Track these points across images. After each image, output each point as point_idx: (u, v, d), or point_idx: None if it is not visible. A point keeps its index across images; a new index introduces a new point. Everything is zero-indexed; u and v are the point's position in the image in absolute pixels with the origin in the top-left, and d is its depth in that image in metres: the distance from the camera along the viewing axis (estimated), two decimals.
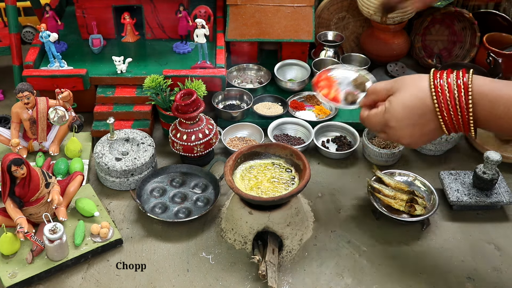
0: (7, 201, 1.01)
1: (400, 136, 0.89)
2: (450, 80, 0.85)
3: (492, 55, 1.51)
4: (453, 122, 0.86)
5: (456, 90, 0.84)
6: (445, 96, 0.84)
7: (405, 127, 0.88)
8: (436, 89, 0.85)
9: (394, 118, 0.88)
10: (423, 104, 0.86)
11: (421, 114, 0.86)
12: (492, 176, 1.16)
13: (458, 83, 0.84)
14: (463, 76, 0.84)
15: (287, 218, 1.06)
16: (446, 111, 0.85)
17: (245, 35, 1.50)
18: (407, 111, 0.87)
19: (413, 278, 1.04)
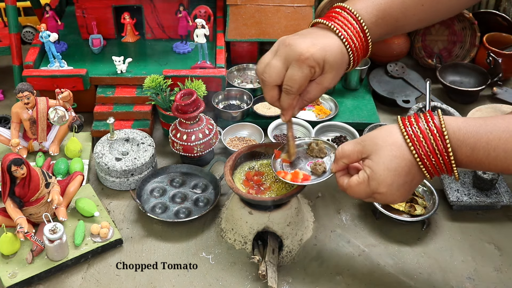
0: (7, 201, 1.01)
1: (392, 199, 0.87)
2: (422, 126, 0.83)
3: (492, 55, 1.52)
4: (436, 168, 0.84)
5: (432, 136, 0.82)
6: (422, 144, 0.82)
7: (396, 190, 0.85)
8: (412, 139, 0.83)
9: (383, 184, 0.84)
10: (404, 161, 0.83)
11: (407, 172, 0.84)
12: (492, 176, 1.16)
13: (430, 128, 0.82)
14: (433, 119, 0.83)
15: (287, 218, 1.06)
16: (427, 159, 0.83)
17: (245, 35, 1.50)
18: (393, 174, 0.83)
19: (413, 278, 1.04)
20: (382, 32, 0.97)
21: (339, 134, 1.38)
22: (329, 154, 1.04)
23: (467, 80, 1.57)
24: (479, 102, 1.54)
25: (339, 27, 0.93)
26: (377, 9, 0.94)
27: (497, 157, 0.79)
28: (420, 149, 0.82)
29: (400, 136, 0.84)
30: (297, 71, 0.91)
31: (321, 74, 0.94)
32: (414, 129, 0.83)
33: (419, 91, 1.52)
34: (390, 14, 0.95)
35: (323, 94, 1.48)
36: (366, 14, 0.94)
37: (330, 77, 0.94)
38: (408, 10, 0.96)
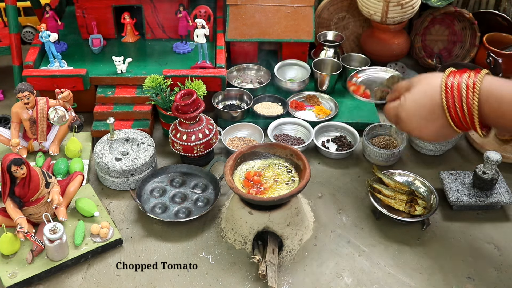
0: (7, 201, 1.01)
1: (410, 128, 0.94)
2: (461, 79, 0.87)
3: (492, 55, 1.51)
4: (460, 120, 0.88)
5: (464, 89, 0.86)
6: (453, 94, 0.87)
7: (414, 121, 0.92)
8: (447, 87, 0.88)
9: (405, 112, 0.93)
10: (431, 100, 0.89)
11: (431, 110, 0.90)
12: (492, 176, 1.16)
13: (468, 82, 0.86)
14: (475, 76, 0.86)
15: (287, 218, 1.06)
16: (453, 109, 0.87)
17: (245, 35, 1.50)
18: (416, 106, 0.91)
19: (413, 278, 1.04)
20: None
21: (339, 134, 1.38)
22: None
23: None
24: None
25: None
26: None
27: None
28: (450, 99, 0.87)
29: (439, 80, 0.89)
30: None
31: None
32: (455, 80, 0.88)
33: None
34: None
35: (323, 94, 1.48)
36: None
37: None
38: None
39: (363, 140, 1.32)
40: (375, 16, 1.51)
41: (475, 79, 0.86)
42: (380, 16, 1.49)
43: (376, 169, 1.22)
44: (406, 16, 1.50)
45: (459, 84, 0.87)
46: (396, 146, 1.32)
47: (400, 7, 1.46)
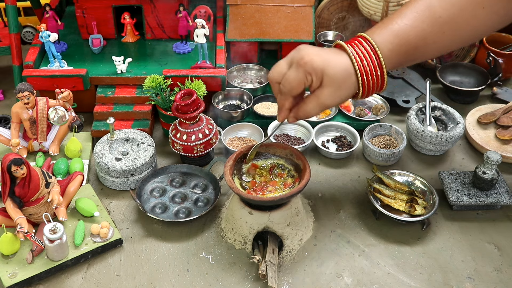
0: (7, 201, 1.01)
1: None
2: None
3: (492, 55, 1.52)
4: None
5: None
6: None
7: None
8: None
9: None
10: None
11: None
12: (492, 176, 1.16)
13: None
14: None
15: (287, 218, 1.06)
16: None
17: (245, 35, 1.50)
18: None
19: (413, 278, 1.04)
20: (401, 59, 0.96)
21: (339, 134, 1.38)
22: None
23: (467, 80, 1.57)
24: (479, 102, 1.54)
25: (353, 49, 0.92)
26: (395, 37, 0.93)
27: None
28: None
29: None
30: (292, 72, 0.93)
31: (319, 86, 0.93)
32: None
33: (419, 91, 1.52)
34: (408, 41, 0.93)
35: None
36: (383, 43, 0.93)
37: (328, 92, 0.93)
38: (428, 38, 0.94)
39: (363, 140, 1.32)
40: (375, 16, 1.51)
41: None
42: (380, 16, 1.49)
43: (376, 169, 1.22)
44: None
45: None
46: (396, 146, 1.32)
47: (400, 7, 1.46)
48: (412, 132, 1.32)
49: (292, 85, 0.93)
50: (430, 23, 0.93)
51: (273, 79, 0.96)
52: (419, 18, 0.94)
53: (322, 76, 0.91)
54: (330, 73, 0.91)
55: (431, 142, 1.30)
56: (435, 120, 1.37)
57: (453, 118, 1.35)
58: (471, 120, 1.41)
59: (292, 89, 0.94)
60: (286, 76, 0.93)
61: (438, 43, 0.96)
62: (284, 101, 0.97)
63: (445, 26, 0.94)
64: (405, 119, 1.36)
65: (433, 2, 0.94)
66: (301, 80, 0.92)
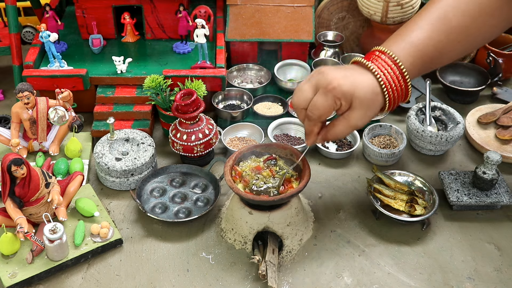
0: (7, 201, 1.01)
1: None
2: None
3: (492, 55, 1.52)
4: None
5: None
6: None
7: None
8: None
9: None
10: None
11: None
12: (492, 176, 1.16)
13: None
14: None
15: (287, 218, 1.06)
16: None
17: (245, 35, 1.50)
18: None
19: (413, 278, 1.04)
20: (419, 71, 0.96)
21: None
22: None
23: (467, 80, 1.57)
24: (479, 102, 1.54)
25: (377, 67, 0.92)
26: (414, 50, 0.93)
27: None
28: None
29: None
30: (321, 99, 0.91)
31: (348, 109, 0.92)
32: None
33: (419, 91, 1.52)
34: (426, 54, 0.94)
35: None
36: (403, 56, 0.93)
37: (358, 115, 0.92)
38: (444, 48, 0.95)
39: (363, 140, 1.32)
40: (375, 16, 1.51)
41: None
42: (380, 16, 1.49)
43: (376, 169, 1.22)
44: (406, 16, 1.50)
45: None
46: (396, 146, 1.32)
47: (400, 7, 1.46)
48: (412, 132, 1.32)
49: (321, 111, 0.92)
50: (446, 33, 0.94)
51: (299, 106, 0.95)
52: (436, 29, 0.94)
53: (352, 100, 0.91)
54: (360, 96, 0.90)
55: (431, 142, 1.30)
56: (435, 120, 1.37)
57: (453, 118, 1.35)
58: (471, 120, 1.41)
59: (321, 115, 0.93)
60: (313, 103, 0.92)
61: (452, 52, 0.97)
62: (313, 127, 0.96)
63: (460, 35, 0.95)
64: (405, 119, 1.36)
65: (448, 13, 0.94)
66: (331, 106, 0.91)
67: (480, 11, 0.95)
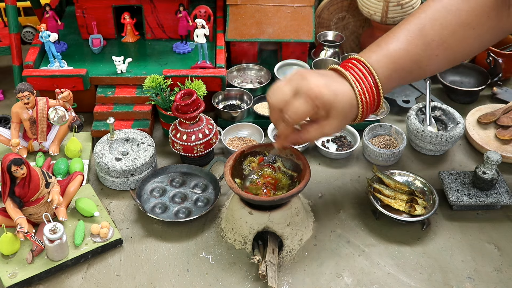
0: (7, 201, 1.01)
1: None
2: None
3: (492, 55, 1.52)
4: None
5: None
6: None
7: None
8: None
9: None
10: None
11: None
12: (492, 176, 1.16)
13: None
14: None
15: (287, 218, 1.06)
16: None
17: (245, 35, 1.50)
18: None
19: (413, 278, 1.04)
20: (394, 85, 0.96)
21: (339, 134, 1.38)
22: None
23: (467, 80, 1.57)
24: (479, 102, 1.54)
25: (355, 79, 0.92)
26: (391, 62, 0.93)
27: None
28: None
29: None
30: (301, 104, 0.90)
31: (325, 118, 0.92)
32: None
33: (419, 91, 1.52)
34: (402, 67, 0.94)
35: None
36: (380, 68, 0.93)
37: (333, 124, 0.92)
38: (422, 62, 0.95)
39: (363, 140, 1.32)
40: (375, 16, 1.51)
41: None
42: (380, 16, 1.49)
43: (376, 169, 1.22)
44: (406, 16, 1.50)
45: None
46: (396, 146, 1.32)
47: (400, 7, 1.46)
48: (412, 132, 1.32)
49: (299, 117, 0.91)
50: (423, 47, 0.94)
51: (276, 106, 0.92)
52: (413, 42, 0.94)
53: (330, 109, 0.90)
54: (338, 108, 0.90)
55: (431, 142, 1.30)
56: (435, 120, 1.37)
57: (453, 118, 1.35)
58: (471, 120, 1.41)
59: (298, 120, 0.92)
60: (292, 107, 0.90)
61: (431, 66, 0.97)
62: (286, 130, 0.95)
63: (437, 49, 0.94)
64: (405, 119, 1.36)
65: (426, 25, 0.94)
66: (310, 112, 0.91)
67: (460, 23, 0.94)
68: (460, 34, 0.95)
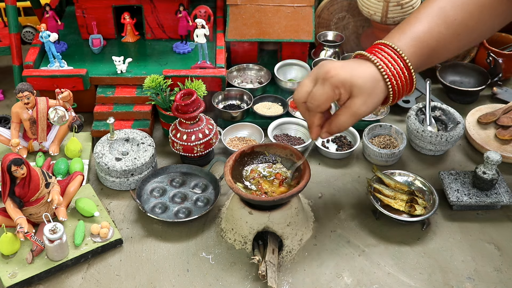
0: (7, 201, 1.01)
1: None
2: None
3: (492, 55, 1.52)
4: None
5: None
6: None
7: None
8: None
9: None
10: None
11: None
12: (492, 176, 1.16)
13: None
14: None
15: (287, 218, 1.06)
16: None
17: (245, 35, 1.50)
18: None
19: (413, 278, 1.04)
20: (422, 63, 0.97)
21: (339, 134, 1.38)
22: None
23: (467, 80, 1.57)
24: (479, 102, 1.54)
25: (377, 58, 0.93)
26: (416, 41, 0.95)
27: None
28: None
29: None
30: (319, 88, 0.92)
31: (349, 97, 0.92)
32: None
33: (419, 91, 1.52)
34: (428, 44, 0.95)
35: None
36: (406, 47, 0.94)
37: (359, 102, 0.91)
38: (445, 40, 0.97)
39: (363, 140, 1.32)
40: (375, 16, 1.51)
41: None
42: (380, 16, 1.49)
43: (376, 169, 1.22)
44: (406, 16, 1.49)
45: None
46: (396, 146, 1.32)
47: (400, 7, 1.46)
48: (412, 132, 1.32)
49: (319, 100, 0.92)
50: (446, 26, 0.96)
51: (299, 100, 0.95)
52: (435, 21, 0.96)
53: (350, 87, 0.91)
54: (359, 83, 0.90)
55: (431, 142, 1.30)
56: (435, 120, 1.37)
57: (453, 118, 1.35)
58: (471, 120, 1.41)
59: (319, 105, 0.93)
60: (312, 93, 0.92)
61: (453, 44, 0.99)
62: (313, 118, 0.96)
63: (459, 28, 0.97)
64: (405, 119, 1.36)
65: (446, 6, 0.97)
66: (329, 94, 0.91)
67: (478, 5, 0.98)
68: (477, 15, 0.98)
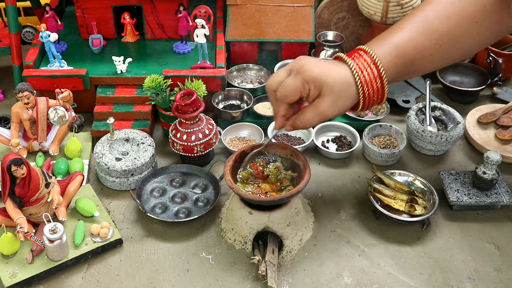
0: (7, 201, 1.01)
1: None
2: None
3: (492, 55, 1.52)
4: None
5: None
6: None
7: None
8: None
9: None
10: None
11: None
12: (492, 176, 1.16)
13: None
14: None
15: (287, 218, 1.06)
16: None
17: (245, 35, 1.50)
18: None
19: (413, 278, 1.04)
20: (399, 72, 0.97)
21: (339, 134, 1.38)
22: None
23: (467, 80, 1.57)
24: (479, 102, 1.54)
25: (354, 63, 0.93)
26: (394, 49, 0.94)
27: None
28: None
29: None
30: (290, 79, 0.93)
31: (318, 96, 0.93)
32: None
33: (419, 91, 1.52)
34: (406, 53, 0.95)
35: None
36: (383, 55, 0.94)
37: (327, 103, 0.92)
38: (425, 50, 0.96)
39: (363, 140, 1.32)
40: (375, 16, 1.51)
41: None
42: (380, 16, 1.49)
43: (376, 169, 1.22)
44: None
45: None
46: (396, 146, 1.32)
47: (400, 7, 1.46)
48: (412, 132, 1.32)
49: (287, 91, 0.93)
50: (427, 35, 0.95)
51: (270, 87, 0.96)
52: (417, 30, 0.95)
53: (321, 86, 0.91)
54: (329, 82, 0.91)
55: (431, 142, 1.30)
56: (435, 120, 1.37)
57: (453, 118, 1.35)
58: (471, 120, 1.41)
59: (287, 95, 0.94)
60: (283, 83, 0.94)
61: (434, 56, 0.97)
62: (279, 107, 0.97)
63: (441, 39, 0.96)
64: (405, 119, 1.36)
65: (430, 16, 0.96)
66: (298, 87, 0.92)
67: (463, 16, 0.96)
68: (463, 26, 0.96)
